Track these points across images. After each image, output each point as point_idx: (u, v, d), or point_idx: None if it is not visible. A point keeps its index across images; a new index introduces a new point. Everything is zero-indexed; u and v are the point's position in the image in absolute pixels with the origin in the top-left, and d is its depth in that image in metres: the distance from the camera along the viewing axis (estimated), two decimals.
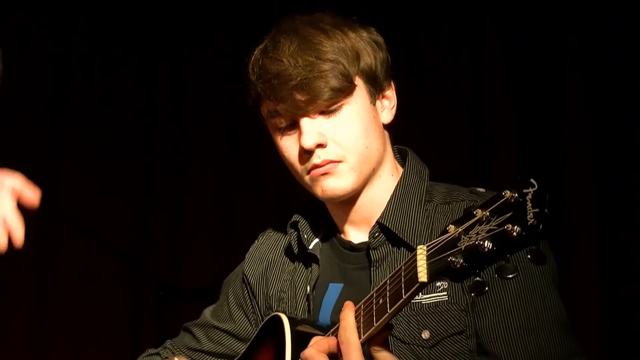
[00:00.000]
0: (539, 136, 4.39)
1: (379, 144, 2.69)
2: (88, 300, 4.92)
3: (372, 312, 2.32)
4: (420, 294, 2.49)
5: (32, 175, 2.53)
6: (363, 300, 2.38)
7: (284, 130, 2.68)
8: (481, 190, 2.68)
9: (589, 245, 4.30)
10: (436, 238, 2.17)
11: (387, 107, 2.74)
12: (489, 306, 2.56)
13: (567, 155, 4.35)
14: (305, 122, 2.63)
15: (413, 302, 2.56)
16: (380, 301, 2.30)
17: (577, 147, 4.34)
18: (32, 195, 2.58)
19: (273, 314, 2.70)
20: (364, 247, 2.71)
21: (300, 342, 2.54)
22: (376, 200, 2.72)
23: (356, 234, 2.76)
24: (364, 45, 2.67)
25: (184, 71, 5.06)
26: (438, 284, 2.58)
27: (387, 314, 2.27)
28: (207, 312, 3.03)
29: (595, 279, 4.28)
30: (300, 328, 2.61)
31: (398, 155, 2.80)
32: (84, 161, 4.97)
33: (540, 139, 4.38)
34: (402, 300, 2.23)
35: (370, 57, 2.67)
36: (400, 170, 2.77)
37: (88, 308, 4.92)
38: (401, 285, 2.23)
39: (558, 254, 2.61)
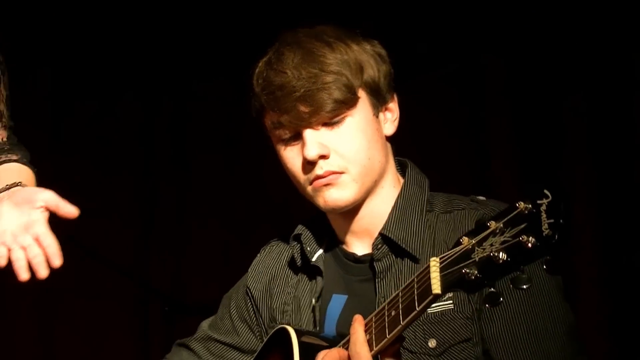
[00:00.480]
0: (538, 147, 4.42)
1: (381, 156, 2.70)
2: (93, 318, 4.89)
3: (385, 324, 2.33)
4: None
5: None
6: (375, 313, 2.39)
7: (288, 142, 2.68)
8: (481, 198, 2.70)
9: (591, 251, 4.33)
10: (447, 249, 2.19)
11: (390, 120, 2.75)
12: (495, 313, 2.58)
13: (566, 164, 4.39)
14: (308, 134, 2.64)
15: None
16: (393, 313, 2.31)
17: (577, 157, 4.38)
18: (70, 208, 2.52)
19: (279, 326, 2.71)
20: (368, 259, 2.72)
21: (308, 353, 2.55)
22: (378, 211, 2.72)
23: (359, 245, 2.76)
24: (367, 58, 2.68)
25: (186, 92, 5.04)
26: None
27: (400, 326, 2.29)
28: (205, 325, 3.00)
29: (597, 285, 4.31)
30: (306, 339, 2.61)
31: (398, 167, 2.81)
32: (86, 179, 4.94)
33: (539, 149, 4.42)
34: (415, 312, 2.25)
35: (374, 69, 2.68)
36: (401, 181, 2.78)
37: (93, 326, 4.89)
38: (414, 297, 2.24)
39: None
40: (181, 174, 5.02)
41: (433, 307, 2.59)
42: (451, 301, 2.60)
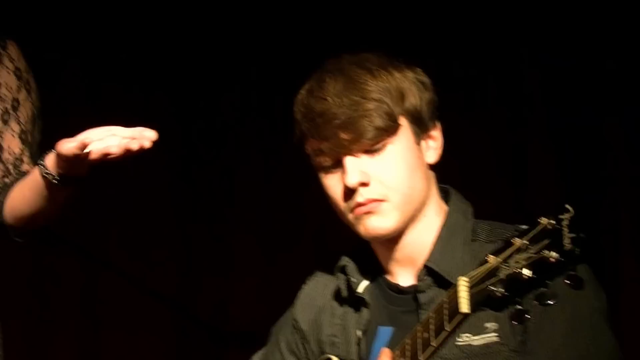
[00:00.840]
0: (580, 165, 4.39)
1: (423, 184, 2.69)
2: (132, 349, 4.90)
3: (417, 347, 2.33)
4: (471, 335, 2.55)
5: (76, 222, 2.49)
6: (409, 335, 2.39)
7: (329, 169, 2.69)
8: (525, 227, 2.67)
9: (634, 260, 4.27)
10: (476, 268, 2.18)
11: (433, 148, 2.74)
12: (538, 345, 2.54)
13: (609, 185, 4.34)
14: (349, 161, 2.64)
15: (464, 344, 2.57)
16: (425, 335, 2.31)
17: (621, 175, 4.33)
18: (149, 132, 2.62)
19: (325, 356, 2.72)
20: (412, 290, 2.70)
21: None
22: (421, 240, 2.71)
23: (403, 274, 2.75)
24: (409, 85, 2.69)
25: (223, 111, 5.05)
26: (487, 324, 2.57)
27: (432, 348, 2.29)
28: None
29: None
30: None
31: (442, 194, 2.79)
32: (125, 207, 4.95)
33: (581, 169, 4.38)
34: (445, 332, 2.24)
35: (416, 97, 2.69)
36: (445, 209, 2.76)
37: (133, 357, 4.92)
38: (443, 317, 2.24)
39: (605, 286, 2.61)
40: (221, 201, 4.98)
41: (478, 339, 2.58)
42: (496, 333, 2.57)
